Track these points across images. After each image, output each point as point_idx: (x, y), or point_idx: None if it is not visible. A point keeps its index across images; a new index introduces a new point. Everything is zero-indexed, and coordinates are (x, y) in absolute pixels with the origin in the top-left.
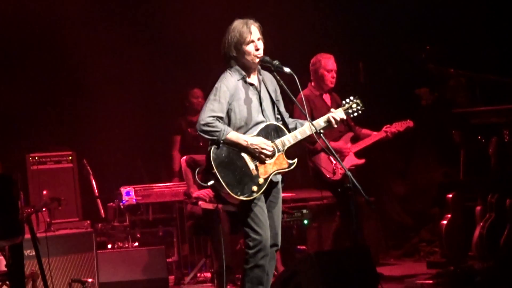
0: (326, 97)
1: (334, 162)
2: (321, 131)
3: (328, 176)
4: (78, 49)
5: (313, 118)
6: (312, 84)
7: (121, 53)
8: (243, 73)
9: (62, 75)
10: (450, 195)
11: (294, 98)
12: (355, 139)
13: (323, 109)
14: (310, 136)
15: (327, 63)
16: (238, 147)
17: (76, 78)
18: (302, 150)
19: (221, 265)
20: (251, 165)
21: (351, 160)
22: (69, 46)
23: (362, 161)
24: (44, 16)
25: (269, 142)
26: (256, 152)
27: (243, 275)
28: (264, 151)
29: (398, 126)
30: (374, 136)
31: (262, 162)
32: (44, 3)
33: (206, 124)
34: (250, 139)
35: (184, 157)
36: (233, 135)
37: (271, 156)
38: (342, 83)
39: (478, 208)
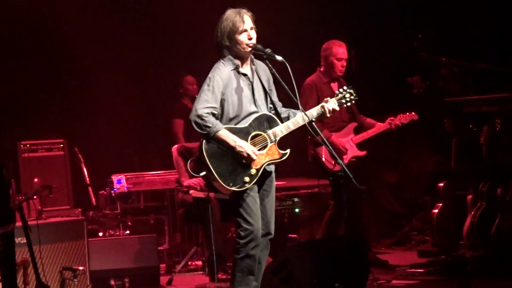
0: (334, 85)
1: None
2: (313, 120)
3: (329, 166)
4: (70, 36)
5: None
6: (321, 69)
7: (114, 40)
8: (237, 62)
9: (54, 62)
10: (442, 184)
11: (286, 87)
12: (357, 129)
13: (329, 97)
14: (304, 126)
15: (338, 51)
16: (225, 146)
17: (68, 65)
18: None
19: (211, 253)
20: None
21: (352, 152)
22: (61, 33)
23: (363, 153)
24: (37, 2)
25: (255, 150)
26: (240, 154)
27: (233, 265)
28: (247, 157)
29: (402, 119)
30: (377, 128)
31: (244, 164)
32: None
33: (200, 117)
34: (239, 141)
35: (176, 146)
36: (223, 133)
37: (252, 160)
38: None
39: (470, 197)
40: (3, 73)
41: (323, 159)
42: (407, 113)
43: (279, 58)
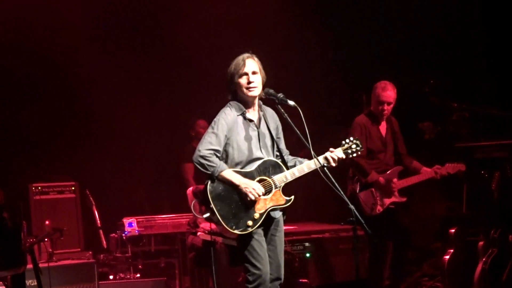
0: (383, 126)
1: (376, 197)
2: (325, 165)
3: (366, 210)
4: (82, 78)
5: (366, 147)
6: (372, 108)
7: (126, 83)
8: (243, 108)
9: (66, 104)
10: (453, 230)
11: (297, 131)
12: (403, 172)
13: (376, 139)
14: (315, 171)
15: (380, 93)
16: (230, 186)
17: (80, 108)
18: (305, 185)
19: None
20: (247, 199)
21: (392, 197)
22: (73, 75)
23: (403, 199)
24: (49, 45)
25: (261, 188)
26: (245, 191)
27: None
28: (253, 192)
29: (450, 169)
30: (422, 175)
31: (249, 204)
32: (50, 30)
33: (203, 157)
34: (243, 179)
35: (190, 188)
36: (228, 173)
37: (257, 200)
38: (346, 115)
39: (481, 243)
40: (15, 115)
41: (362, 202)
42: (455, 163)
43: (291, 103)
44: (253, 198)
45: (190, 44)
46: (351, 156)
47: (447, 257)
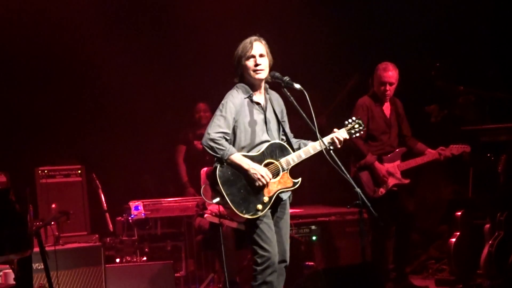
0: (386, 108)
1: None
2: (331, 147)
3: (368, 193)
4: (89, 62)
5: (368, 127)
6: (375, 89)
7: (133, 68)
8: (250, 91)
9: (72, 89)
10: (459, 213)
11: (303, 114)
12: (406, 154)
13: (380, 120)
14: (320, 153)
15: (382, 74)
16: (239, 170)
17: (86, 92)
18: (311, 168)
19: (224, 281)
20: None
21: (395, 179)
22: (79, 59)
23: (406, 181)
24: (56, 29)
25: (269, 173)
26: (254, 177)
27: None
28: (261, 179)
29: (454, 150)
30: (426, 157)
31: (258, 188)
32: (56, 13)
33: (213, 140)
34: (253, 164)
35: (205, 169)
36: (237, 157)
37: (267, 184)
38: (352, 99)
39: (487, 226)
40: (21, 99)
41: (364, 185)
42: (459, 145)
43: (297, 86)
44: (261, 184)
45: (198, 27)
46: (354, 136)
47: (453, 240)
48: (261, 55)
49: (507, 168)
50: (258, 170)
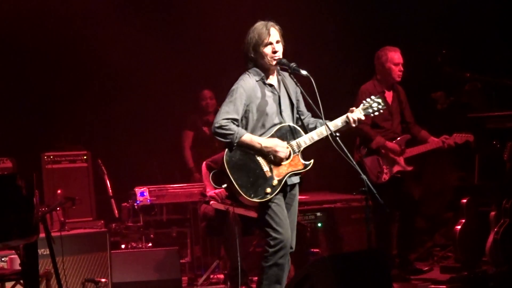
0: (389, 95)
1: (382, 165)
2: (337, 134)
3: (372, 178)
4: (94, 49)
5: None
6: (378, 77)
7: (138, 53)
8: (262, 74)
9: (77, 74)
10: (465, 200)
11: (309, 100)
12: (410, 141)
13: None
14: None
15: (394, 56)
16: (252, 150)
17: (92, 77)
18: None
19: (233, 267)
20: (265, 167)
21: (399, 166)
22: (85, 46)
23: (410, 168)
24: (64, 14)
25: (284, 143)
26: (270, 154)
27: (261, 273)
28: (278, 153)
29: (457, 139)
30: (429, 145)
31: (277, 163)
32: (67, 1)
33: (220, 127)
34: (264, 141)
35: (204, 162)
36: (247, 137)
37: (287, 158)
38: (358, 85)
39: (493, 213)
40: (27, 85)
41: (368, 170)
42: (463, 133)
43: (303, 72)
44: (282, 156)
45: (205, 13)
46: (372, 115)
47: (459, 227)
48: (277, 41)
49: None
50: (272, 146)
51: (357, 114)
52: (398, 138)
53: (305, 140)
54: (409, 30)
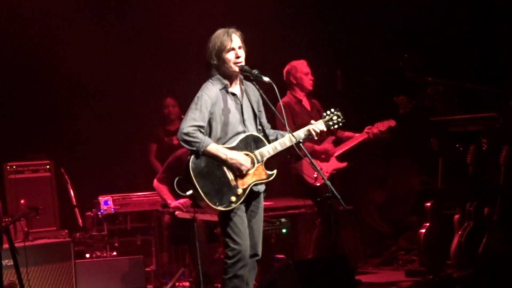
0: (306, 103)
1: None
2: (301, 141)
3: (310, 182)
4: (55, 57)
5: (294, 124)
6: (292, 91)
7: (99, 61)
8: (225, 82)
9: (40, 84)
10: (429, 204)
11: (273, 107)
12: (337, 143)
13: (303, 114)
14: (291, 148)
15: (302, 66)
16: (217, 160)
17: (54, 87)
18: (282, 160)
19: (199, 274)
20: (230, 175)
21: (333, 164)
22: (47, 54)
23: (343, 164)
24: (25, 23)
25: (248, 158)
26: (234, 166)
27: (222, 285)
28: (242, 167)
29: (380, 126)
30: (356, 138)
31: (240, 175)
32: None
33: (187, 134)
34: (230, 153)
35: (155, 180)
36: (213, 147)
37: (249, 170)
38: (320, 91)
39: (457, 216)
40: None
41: (304, 175)
42: (385, 120)
43: (266, 79)
44: (244, 170)
45: (164, 21)
46: (332, 128)
47: (423, 231)
48: (240, 47)
49: (476, 158)
50: (237, 159)
51: (319, 126)
52: (324, 140)
53: (269, 150)
54: (371, 34)
